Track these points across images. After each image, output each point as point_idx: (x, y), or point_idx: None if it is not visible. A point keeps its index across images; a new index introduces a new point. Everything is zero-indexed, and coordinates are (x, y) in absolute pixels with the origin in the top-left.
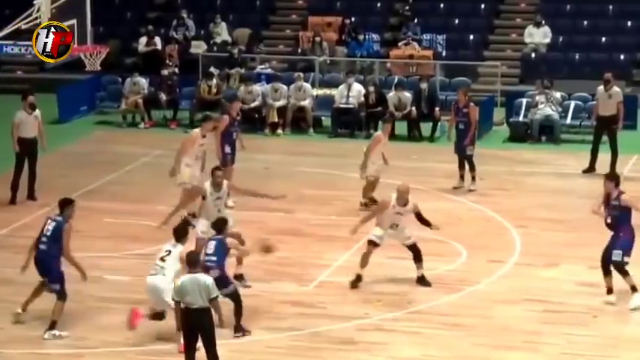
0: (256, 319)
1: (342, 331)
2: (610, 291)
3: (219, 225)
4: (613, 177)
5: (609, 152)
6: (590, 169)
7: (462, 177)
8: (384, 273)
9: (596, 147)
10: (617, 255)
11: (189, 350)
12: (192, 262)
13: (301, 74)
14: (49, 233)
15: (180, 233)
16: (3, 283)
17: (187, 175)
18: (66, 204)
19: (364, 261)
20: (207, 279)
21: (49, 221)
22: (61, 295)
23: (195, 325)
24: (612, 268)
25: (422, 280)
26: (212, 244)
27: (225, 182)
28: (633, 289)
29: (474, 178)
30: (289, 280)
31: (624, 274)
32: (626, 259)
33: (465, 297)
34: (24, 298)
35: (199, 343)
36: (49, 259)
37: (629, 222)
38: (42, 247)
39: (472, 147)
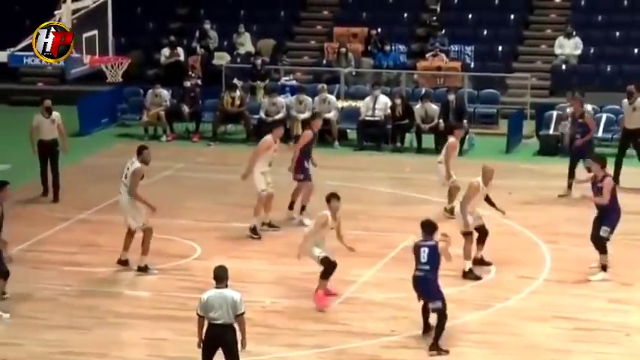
0: (281, 336)
1: (368, 349)
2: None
3: (432, 228)
4: (599, 159)
5: (633, 165)
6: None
7: (569, 186)
8: (412, 289)
9: (620, 159)
10: (604, 232)
11: None
12: (219, 277)
13: (325, 86)
14: None
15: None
16: (22, 299)
17: (263, 182)
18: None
19: (467, 253)
20: (235, 294)
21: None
22: None
23: (218, 340)
24: (592, 242)
25: (481, 262)
26: (424, 251)
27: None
28: (604, 267)
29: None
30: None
31: (604, 251)
32: (610, 236)
33: (493, 314)
34: (43, 314)
35: None
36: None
37: (615, 202)
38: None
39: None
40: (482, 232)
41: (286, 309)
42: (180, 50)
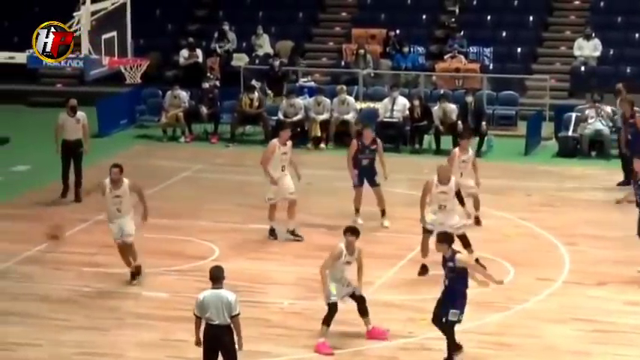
0: (299, 337)
1: (386, 350)
2: None
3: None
4: None
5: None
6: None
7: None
8: (430, 291)
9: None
10: None
11: None
12: (215, 278)
13: (344, 87)
14: None
15: None
16: (42, 300)
17: (273, 191)
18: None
19: (423, 249)
20: (230, 295)
21: None
22: None
23: (215, 342)
24: None
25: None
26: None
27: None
28: None
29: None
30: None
31: None
32: None
33: (512, 316)
34: (62, 315)
35: None
36: None
37: None
38: None
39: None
40: (464, 240)
41: (304, 310)
42: (198, 52)
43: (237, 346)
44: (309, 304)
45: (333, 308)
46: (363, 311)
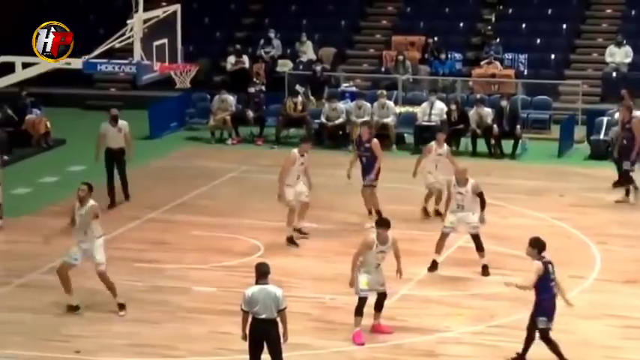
0: (339, 331)
1: (424, 344)
2: None
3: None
4: None
5: None
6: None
7: (627, 192)
8: (466, 287)
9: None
10: None
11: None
12: (262, 274)
13: (384, 91)
14: None
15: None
16: (96, 294)
17: (291, 194)
18: None
19: (438, 247)
20: (277, 290)
21: None
22: None
23: (262, 335)
24: None
25: (485, 269)
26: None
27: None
28: None
29: (636, 188)
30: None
31: None
32: None
33: None
34: (114, 308)
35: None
36: None
37: None
38: None
39: (629, 162)
40: (477, 241)
41: (345, 305)
42: (245, 58)
43: (282, 339)
44: (349, 299)
45: (362, 301)
46: (379, 306)
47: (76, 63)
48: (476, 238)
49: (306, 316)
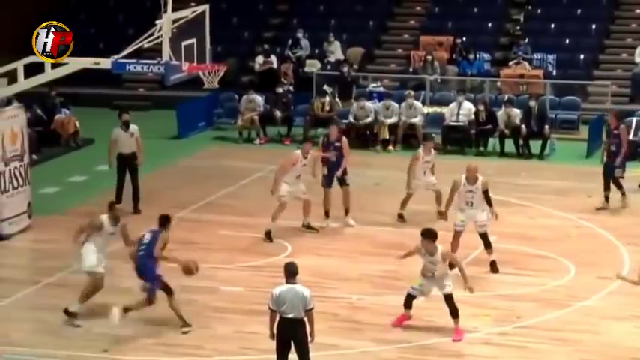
0: (366, 331)
1: (451, 345)
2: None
3: None
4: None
5: None
6: None
7: (606, 198)
8: (493, 288)
9: None
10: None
11: (281, 359)
12: (290, 273)
13: (412, 92)
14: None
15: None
16: (122, 292)
17: (284, 189)
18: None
19: (453, 246)
20: (305, 290)
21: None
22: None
23: (289, 334)
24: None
25: (493, 265)
26: None
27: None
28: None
29: (623, 194)
30: (398, 294)
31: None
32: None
33: (573, 312)
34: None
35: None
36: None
37: None
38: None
39: (620, 170)
40: (485, 239)
41: (372, 305)
42: (273, 58)
43: (309, 338)
44: (376, 300)
45: (408, 297)
46: (450, 312)
47: (105, 63)
48: (484, 236)
49: (334, 316)
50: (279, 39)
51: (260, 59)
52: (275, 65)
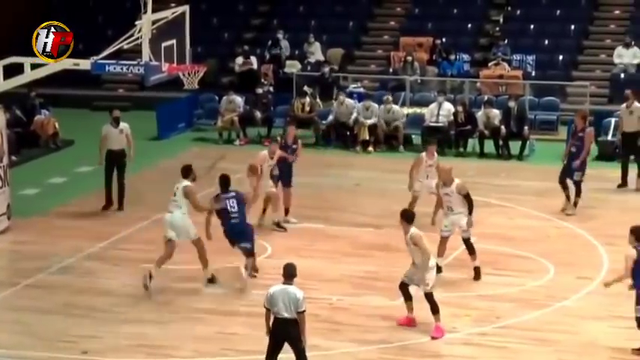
0: (346, 332)
1: (431, 345)
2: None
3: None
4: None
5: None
6: (623, 184)
7: (567, 197)
8: (473, 288)
9: (625, 162)
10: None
11: (271, 357)
12: (287, 275)
13: (390, 97)
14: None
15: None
16: (104, 294)
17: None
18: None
19: (440, 251)
20: (298, 292)
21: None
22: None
23: (283, 334)
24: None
25: (477, 272)
26: None
27: None
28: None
29: (575, 204)
30: (379, 294)
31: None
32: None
33: (552, 313)
34: (122, 309)
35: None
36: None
37: None
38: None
39: (580, 173)
40: (468, 244)
41: (352, 306)
42: (253, 59)
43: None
44: (355, 300)
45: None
46: (430, 308)
47: (85, 64)
48: (467, 241)
49: (315, 317)
50: (260, 40)
51: (240, 60)
52: (255, 66)
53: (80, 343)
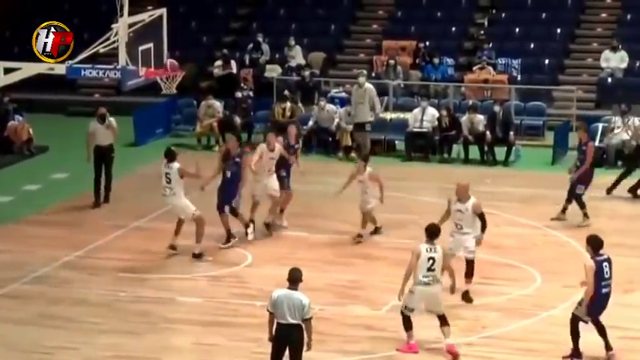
0: (328, 342)
1: (415, 356)
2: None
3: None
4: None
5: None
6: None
7: (563, 210)
8: (458, 298)
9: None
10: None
11: None
12: (292, 280)
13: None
14: None
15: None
16: (79, 304)
17: (258, 188)
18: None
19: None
20: (304, 299)
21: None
22: None
23: (285, 339)
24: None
25: (466, 295)
26: (606, 266)
27: None
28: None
29: (585, 215)
30: (361, 304)
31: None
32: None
33: (539, 322)
34: (98, 319)
35: None
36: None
37: None
38: None
39: (582, 186)
40: (470, 266)
41: (334, 315)
42: (232, 63)
43: (305, 347)
44: (338, 310)
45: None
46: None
47: (60, 68)
48: (470, 263)
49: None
50: (240, 43)
51: (219, 64)
52: (235, 70)
53: (55, 354)
